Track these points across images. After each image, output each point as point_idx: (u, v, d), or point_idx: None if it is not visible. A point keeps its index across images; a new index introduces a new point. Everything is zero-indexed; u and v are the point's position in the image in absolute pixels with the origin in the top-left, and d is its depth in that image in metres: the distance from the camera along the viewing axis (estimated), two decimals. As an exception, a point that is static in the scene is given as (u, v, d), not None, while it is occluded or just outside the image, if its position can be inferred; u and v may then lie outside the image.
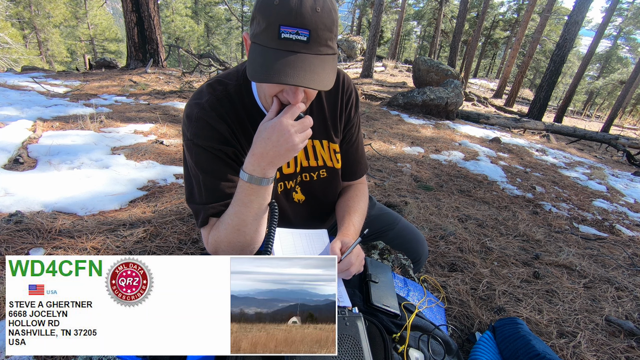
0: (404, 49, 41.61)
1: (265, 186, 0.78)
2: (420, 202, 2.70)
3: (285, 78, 0.68)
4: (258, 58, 0.71)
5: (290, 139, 0.73)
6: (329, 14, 0.69)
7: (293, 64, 0.68)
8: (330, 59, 0.74)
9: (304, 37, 0.68)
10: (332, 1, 0.71)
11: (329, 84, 0.73)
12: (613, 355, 1.33)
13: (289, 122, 0.73)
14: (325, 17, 0.68)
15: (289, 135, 0.73)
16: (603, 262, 2.13)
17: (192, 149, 0.84)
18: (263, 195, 0.80)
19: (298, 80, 0.68)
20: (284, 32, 0.67)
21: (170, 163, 2.80)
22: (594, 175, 4.46)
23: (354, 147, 1.08)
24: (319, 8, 0.67)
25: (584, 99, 36.82)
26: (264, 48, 0.70)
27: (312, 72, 0.70)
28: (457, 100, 7.02)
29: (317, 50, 0.70)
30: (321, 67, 0.71)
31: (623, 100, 15.26)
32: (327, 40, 0.71)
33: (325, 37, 0.70)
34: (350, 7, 32.49)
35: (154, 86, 6.56)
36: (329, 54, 0.73)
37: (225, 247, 0.83)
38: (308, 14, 0.66)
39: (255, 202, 0.79)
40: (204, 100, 0.84)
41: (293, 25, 0.67)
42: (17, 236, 1.57)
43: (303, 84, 0.68)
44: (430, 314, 1.00)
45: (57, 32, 23.82)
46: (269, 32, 0.68)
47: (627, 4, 26.92)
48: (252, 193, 0.78)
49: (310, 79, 0.69)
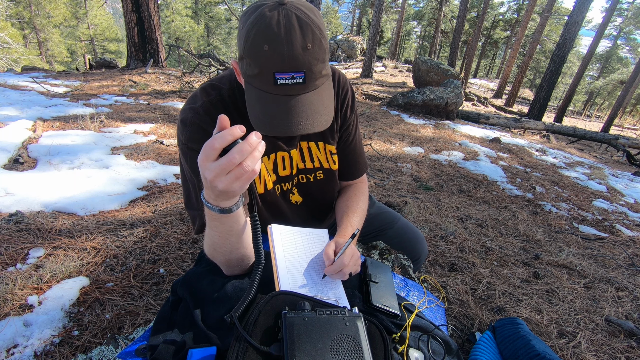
0: (404, 49, 41.60)
1: (226, 214, 0.66)
2: (420, 202, 2.70)
3: (290, 129, 0.68)
4: (258, 105, 0.71)
5: (213, 184, 0.58)
6: (319, 45, 0.67)
7: (294, 110, 0.69)
8: (326, 86, 0.74)
9: (299, 80, 0.67)
10: (320, 26, 0.68)
11: (331, 116, 0.74)
12: (613, 355, 1.33)
13: (204, 166, 0.57)
14: (317, 51, 0.67)
15: (211, 181, 0.58)
16: (603, 262, 2.13)
17: (187, 153, 0.84)
18: (225, 222, 0.69)
19: (303, 128, 0.69)
20: (280, 79, 0.67)
21: (170, 163, 2.80)
22: (594, 175, 4.46)
23: (351, 147, 1.08)
24: (309, 45, 0.65)
25: (584, 99, 36.81)
26: (261, 93, 0.70)
27: (315, 113, 0.70)
28: (457, 100, 7.02)
29: (313, 86, 0.70)
30: (320, 103, 0.71)
31: (623, 100, 15.26)
32: (321, 71, 0.70)
33: (319, 69, 0.69)
34: (350, 7, 32.50)
35: (154, 86, 6.56)
36: (325, 82, 0.73)
37: (214, 259, 0.81)
38: (300, 56, 0.65)
39: (219, 227, 0.71)
40: (198, 104, 0.84)
41: (287, 71, 0.66)
42: (17, 236, 1.57)
43: (308, 130, 0.69)
44: (430, 314, 1.00)
45: (57, 32, 23.82)
46: (264, 79, 0.68)
47: (627, 4, 26.92)
48: (214, 219, 0.69)
49: (313, 121, 0.70)
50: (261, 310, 0.67)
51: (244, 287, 0.79)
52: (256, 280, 0.74)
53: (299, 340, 0.59)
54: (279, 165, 0.98)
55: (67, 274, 1.39)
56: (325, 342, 0.60)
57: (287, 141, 0.96)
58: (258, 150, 0.57)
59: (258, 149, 0.57)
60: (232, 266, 0.82)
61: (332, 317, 0.65)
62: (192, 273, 0.88)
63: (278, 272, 0.81)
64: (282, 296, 0.71)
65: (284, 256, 0.86)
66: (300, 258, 0.88)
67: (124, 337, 1.07)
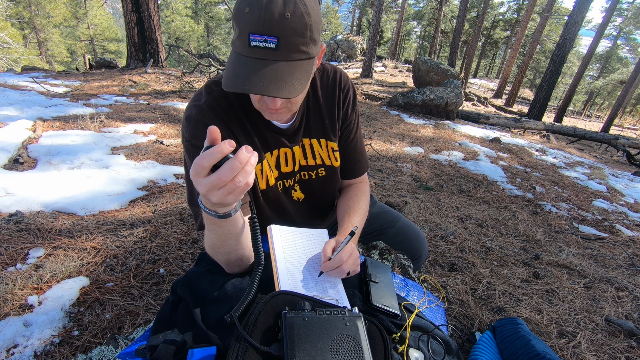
0: (404, 49, 41.60)
1: (224, 219, 0.67)
2: (420, 202, 2.70)
3: (249, 87, 0.68)
4: (230, 65, 0.72)
5: (207, 197, 0.59)
6: (300, 18, 0.67)
7: (260, 73, 0.68)
8: (304, 64, 0.73)
9: (272, 45, 0.67)
10: (309, 5, 0.69)
11: (298, 91, 0.72)
12: (613, 355, 1.33)
13: (196, 181, 0.57)
14: (296, 23, 0.67)
15: (204, 195, 0.59)
16: (603, 262, 2.13)
17: (190, 150, 0.85)
18: (223, 225, 0.70)
19: (261, 89, 0.68)
20: (254, 40, 0.67)
21: (170, 163, 2.80)
22: (594, 175, 4.46)
23: (352, 145, 1.09)
24: (288, 14, 0.66)
25: (584, 99, 36.81)
26: (237, 55, 0.71)
27: (279, 80, 0.69)
28: (457, 100, 7.02)
29: (287, 57, 0.70)
30: (289, 74, 0.71)
31: (623, 100, 15.25)
32: (299, 45, 0.70)
33: (296, 42, 0.69)
34: (350, 7, 32.51)
35: (154, 86, 6.56)
36: (303, 59, 0.72)
37: (214, 258, 0.82)
38: (276, 21, 0.65)
39: (217, 230, 0.71)
40: (202, 102, 0.85)
41: (261, 33, 0.66)
42: (17, 236, 1.57)
43: (266, 92, 0.68)
44: (430, 314, 1.00)
45: (57, 32, 23.82)
46: (241, 40, 0.69)
47: (627, 4, 26.91)
48: (212, 222, 0.69)
49: (274, 87, 0.69)
50: (261, 310, 0.67)
51: (244, 287, 0.79)
52: (256, 280, 0.74)
53: (299, 340, 0.59)
54: (282, 161, 0.98)
55: (67, 274, 1.39)
56: (325, 342, 0.60)
57: (290, 137, 0.97)
58: (250, 164, 0.57)
59: (250, 162, 0.57)
60: (232, 265, 0.83)
61: (332, 317, 0.65)
62: (192, 273, 0.88)
63: (278, 272, 0.81)
64: (282, 296, 0.71)
65: (284, 256, 0.86)
66: (300, 258, 0.88)
67: (124, 337, 1.07)
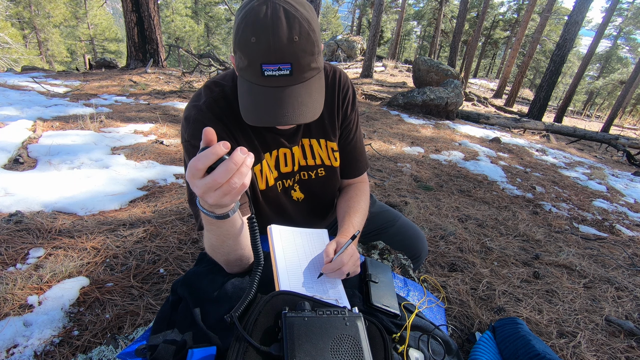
0: (404, 49, 41.59)
1: (222, 220, 0.66)
2: (420, 202, 2.70)
3: (275, 120, 0.70)
4: (246, 96, 0.72)
5: (203, 199, 0.59)
6: (307, 38, 0.67)
7: (281, 102, 0.70)
8: (316, 80, 0.74)
9: (286, 71, 0.68)
10: (310, 19, 0.68)
11: (319, 109, 0.74)
12: (613, 355, 1.33)
13: (192, 183, 0.56)
14: (305, 43, 0.67)
15: (200, 196, 0.58)
16: (603, 262, 2.13)
17: (189, 150, 0.85)
18: (221, 226, 0.69)
19: (288, 119, 0.70)
20: (267, 70, 0.68)
21: (170, 163, 2.80)
22: (594, 175, 4.46)
23: (352, 145, 1.09)
24: (296, 37, 0.66)
25: (584, 99, 36.81)
26: (251, 85, 0.72)
27: (301, 105, 0.71)
28: (457, 100, 7.02)
29: (301, 79, 0.71)
30: (308, 95, 0.72)
31: (623, 100, 15.25)
32: (310, 64, 0.71)
33: (307, 62, 0.70)
34: (350, 7, 32.50)
35: (154, 86, 6.56)
36: (314, 75, 0.73)
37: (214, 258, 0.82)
38: (285, 47, 0.65)
39: (216, 231, 0.71)
40: (201, 102, 0.85)
41: (273, 62, 0.67)
42: (17, 236, 1.57)
43: (293, 122, 0.70)
44: (430, 314, 1.00)
45: (57, 32, 23.81)
46: (253, 70, 0.69)
47: (627, 4, 26.91)
48: (210, 223, 0.68)
49: (299, 113, 0.70)
50: (261, 310, 0.67)
51: (244, 286, 0.79)
52: (256, 280, 0.74)
53: (299, 340, 0.59)
54: (281, 161, 0.98)
55: (67, 274, 1.39)
56: (325, 342, 0.60)
57: (289, 138, 0.97)
58: (245, 166, 0.56)
59: (245, 164, 0.56)
60: (232, 265, 0.83)
61: (332, 317, 0.65)
62: (192, 273, 0.88)
63: (278, 273, 0.81)
64: (282, 296, 0.71)
65: (284, 256, 0.86)
66: (300, 258, 0.88)
67: (124, 337, 1.07)
